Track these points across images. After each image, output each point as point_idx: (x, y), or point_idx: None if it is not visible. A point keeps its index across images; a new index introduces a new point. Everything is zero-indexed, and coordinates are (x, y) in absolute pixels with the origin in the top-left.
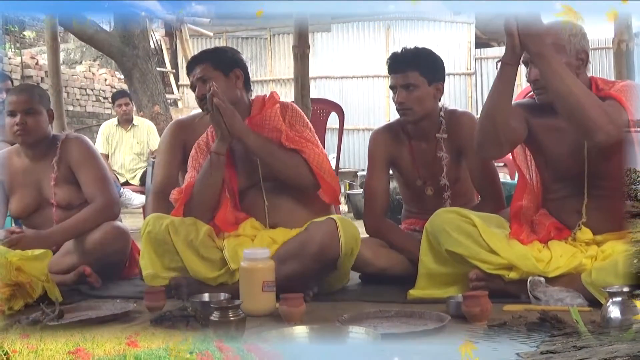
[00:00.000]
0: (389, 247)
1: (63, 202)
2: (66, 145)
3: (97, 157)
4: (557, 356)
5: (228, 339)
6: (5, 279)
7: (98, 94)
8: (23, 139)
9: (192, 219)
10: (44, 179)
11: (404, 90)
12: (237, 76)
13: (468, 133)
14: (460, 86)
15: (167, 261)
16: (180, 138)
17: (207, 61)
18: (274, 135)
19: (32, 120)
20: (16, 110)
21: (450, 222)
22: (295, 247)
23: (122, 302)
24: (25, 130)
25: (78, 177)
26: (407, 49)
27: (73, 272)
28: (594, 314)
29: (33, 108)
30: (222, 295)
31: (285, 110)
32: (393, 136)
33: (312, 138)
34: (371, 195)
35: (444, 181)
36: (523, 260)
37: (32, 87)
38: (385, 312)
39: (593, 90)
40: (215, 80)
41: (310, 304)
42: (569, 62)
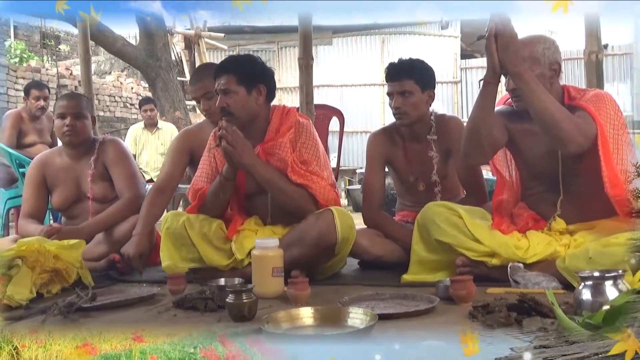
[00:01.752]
0: (385, 237)
1: (98, 195)
2: (103, 146)
3: (129, 157)
4: (550, 350)
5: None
6: (45, 266)
7: (125, 101)
8: (70, 139)
9: (205, 215)
10: (82, 176)
11: (401, 97)
12: (260, 92)
13: (455, 135)
14: (448, 93)
15: (185, 253)
16: (187, 145)
17: (233, 74)
18: (281, 164)
19: (80, 124)
20: (66, 113)
21: (439, 215)
22: (297, 235)
23: (148, 286)
24: (74, 132)
25: (111, 174)
26: (403, 60)
27: (104, 260)
28: (568, 296)
29: (81, 113)
30: (236, 280)
31: (300, 134)
32: (389, 138)
33: (318, 170)
34: (369, 190)
35: (435, 177)
36: (504, 248)
37: (80, 95)
38: (381, 295)
39: (565, 99)
40: (237, 95)
41: (314, 287)
42: (542, 72)
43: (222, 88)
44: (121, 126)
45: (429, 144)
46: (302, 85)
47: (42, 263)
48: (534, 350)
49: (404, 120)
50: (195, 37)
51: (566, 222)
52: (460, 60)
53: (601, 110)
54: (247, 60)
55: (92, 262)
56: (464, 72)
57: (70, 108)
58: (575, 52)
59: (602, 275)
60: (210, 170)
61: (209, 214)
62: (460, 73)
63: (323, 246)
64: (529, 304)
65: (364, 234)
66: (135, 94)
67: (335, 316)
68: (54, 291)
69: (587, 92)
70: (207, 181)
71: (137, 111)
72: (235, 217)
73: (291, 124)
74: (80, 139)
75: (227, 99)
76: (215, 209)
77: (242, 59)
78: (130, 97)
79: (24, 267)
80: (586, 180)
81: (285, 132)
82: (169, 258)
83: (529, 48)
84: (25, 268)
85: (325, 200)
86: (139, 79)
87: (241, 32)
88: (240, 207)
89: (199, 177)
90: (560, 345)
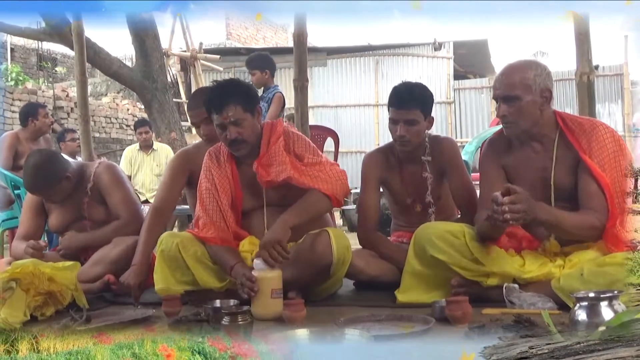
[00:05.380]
0: (380, 257)
1: (96, 219)
2: (98, 172)
3: (124, 181)
4: (535, 339)
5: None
6: (39, 288)
7: (121, 122)
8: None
9: None
10: (79, 200)
11: (406, 125)
12: (259, 112)
13: (449, 156)
14: (441, 113)
15: (179, 275)
16: (185, 167)
17: (238, 103)
18: (282, 168)
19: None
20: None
21: (436, 233)
22: (292, 256)
23: (143, 308)
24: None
25: (107, 200)
26: (408, 86)
27: (99, 281)
28: (563, 316)
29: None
30: (231, 302)
31: (289, 139)
32: (384, 159)
33: (314, 158)
34: (364, 211)
35: (429, 198)
36: (503, 267)
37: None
38: (377, 316)
39: (560, 125)
40: (246, 122)
41: (310, 308)
42: (534, 100)
43: (233, 120)
44: (117, 147)
45: (424, 165)
46: (297, 107)
47: (37, 285)
48: (520, 340)
49: (407, 147)
50: (191, 59)
51: (560, 244)
52: (453, 81)
53: (603, 150)
54: (245, 87)
55: (87, 284)
56: (457, 93)
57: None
58: (566, 72)
59: (597, 296)
60: (211, 199)
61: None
62: (453, 94)
63: (319, 267)
64: (525, 324)
65: (359, 255)
66: (131, 115)
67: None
68: (47, 314)
69: (582, 124)
70: (210, 209)
71: (132, 132)
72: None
73: (279, 133)
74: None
75: (238, 129)
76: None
77: (241, 87)
78: (126, 119)
79: (18, 290)
80: (577, 204)
81: (275, 142)
82: (163, 281)
83: (520, 74)
84: (20, 290)
85: (336, 193)
86: (135, 100)
87: (237, 54)
88: (237, 223)
89: (203, 206)
90: (546, 335)
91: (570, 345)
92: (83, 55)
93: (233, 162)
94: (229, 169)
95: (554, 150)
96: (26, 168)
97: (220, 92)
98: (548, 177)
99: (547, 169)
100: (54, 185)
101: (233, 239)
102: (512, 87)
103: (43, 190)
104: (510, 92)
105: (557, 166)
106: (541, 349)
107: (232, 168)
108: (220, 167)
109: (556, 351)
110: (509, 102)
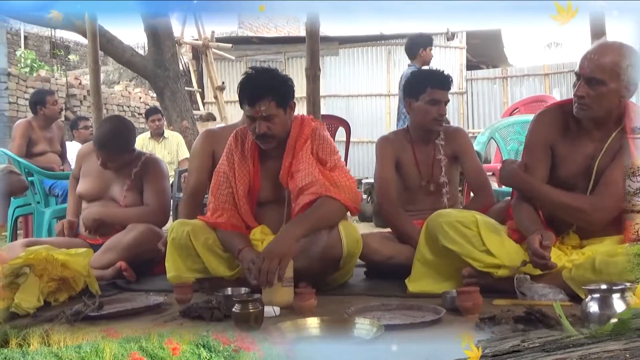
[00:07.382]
0: (395, 236)
1: (129, 204)
2: (146, 162)
3: (165, 177)
4: (530, 333)
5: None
6: (52, 274)
7: (134, 110)
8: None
9: None
10: (115, 180)
11: (444, 105)
12: (292, 108)
13: (461, 141)
14: (454, 104)
15: (190, 263)
16: (210, 147)
17: (272, 98)
18: (307, 178)
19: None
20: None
21: (448, 222)
22: (303, 247)
23: (154, 295)
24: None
25: (144, 188)
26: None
27: (111, 268)
28: (575, 308)
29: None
30: (242, 290)
31: (314, 142)
32: (399, 140)
33: (336, 163)
34: (383, 184)
35: (443, 179)
36: (515, 259)
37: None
38: (387, 305)
39: (626, 118)
40: (277, 117)
41: (320, 298)
42: (618, 89)
43: (265, 115)
44: None
45: (437, 148)
46: (309, 96)
47: (50, 271)
48: (513, 333)
49: (442, 126)
50: (203, 48)
51: (580, 237)
52: (465, 72)
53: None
54: (282, 82)
55: (100, 270)
56: (469, 83)
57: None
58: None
59: (609, 288)
60: (227, 184)
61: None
62: (466, 84)
63: (328, 260)
64: (536, 316)
65: (373, 237)
66: (143, 104)
67: (341, 327)
68: (61, 299)
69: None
70: (224, 194)
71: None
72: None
73: (307, 135)
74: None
75: (268, 124)
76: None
77: (277, 81)
78: (138, 107)
79: (31, 276)
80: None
81: (302, 145)
82: (174, 269)
83: (613, 58)
84: (33, 276)
85: (351, 202)
86: (147, 88)
87: (249, 43)
88: (251, 213)
89: (216, 191)
90: (539, 328)
91: (561, 339)
92: (96, 43)
93: (257, 151)
94: (251, 158)
95: (608, 140)
96: (104, 126)
97: (256, 83)
98: (592, 166)
99: (595, 158)
100: (122, 152)
101: (245, 227)
102: (601, 71)
103: (111, 151)
104: (597, 75)
105: (604, 155)
106: (533, 342)
107: (255, 157)
108: (244, 154)
109: (547, 344)
110: (592, 84)
